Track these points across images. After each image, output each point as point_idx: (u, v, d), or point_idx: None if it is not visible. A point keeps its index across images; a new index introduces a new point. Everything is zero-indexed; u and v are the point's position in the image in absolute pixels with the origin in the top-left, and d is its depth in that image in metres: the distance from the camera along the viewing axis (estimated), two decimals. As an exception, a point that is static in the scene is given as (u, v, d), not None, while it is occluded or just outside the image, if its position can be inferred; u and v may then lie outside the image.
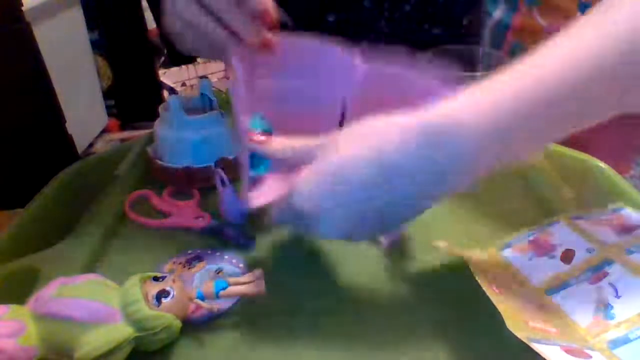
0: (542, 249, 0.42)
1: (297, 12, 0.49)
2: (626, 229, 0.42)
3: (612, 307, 0.36)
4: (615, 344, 0.34)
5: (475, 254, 0.42)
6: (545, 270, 0.40)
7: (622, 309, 0.36)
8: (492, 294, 0.36)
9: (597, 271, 0.39)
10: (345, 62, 0.44)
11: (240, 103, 0.40)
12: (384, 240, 0.46)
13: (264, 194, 0.45)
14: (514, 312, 0.34)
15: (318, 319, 0.39)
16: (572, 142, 0.63)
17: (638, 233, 0.42)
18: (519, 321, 0.33)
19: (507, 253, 0.42)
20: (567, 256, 0.40)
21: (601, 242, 0.41)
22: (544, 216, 0.47)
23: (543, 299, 0.37)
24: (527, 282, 0.39)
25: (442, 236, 0.48)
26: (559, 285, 0.38)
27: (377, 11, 0.64)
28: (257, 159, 0.46)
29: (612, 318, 0.35)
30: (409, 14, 0.64)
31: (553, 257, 0.41)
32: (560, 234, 0.43)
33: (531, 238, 0.43)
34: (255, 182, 0.46)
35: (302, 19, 0.50)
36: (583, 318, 0.36)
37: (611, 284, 0.38)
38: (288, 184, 0.42)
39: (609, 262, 0.39)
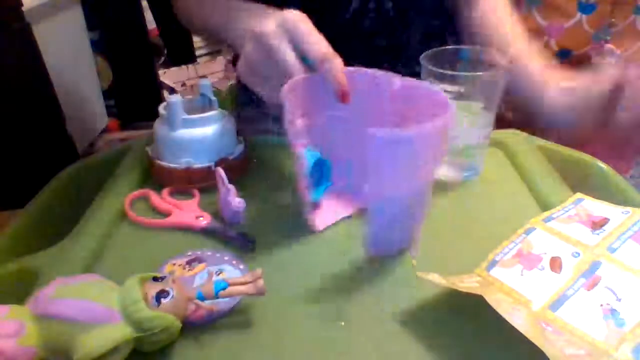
0: (528, 261, 0.42)
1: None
2: (597, 225, 0.43)
3: (617, 312, 0.36)
4: (637, 352, 0.34)
5: (466, 282, 0.40)
6: (540, 285, 0.39)
7: (628, 312, 0.36)
8: (533, 332, 0.33)
9: (589, 276, 0.39)
10: (382, 84, 0.47)
11: (294, 134, 0.45)
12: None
13: (326, 217, 0.51)
14: (550, 345, 0.33)
15: (318, 320, 0.39)
16: (572, 142, 0.63)
17: (610, 227, 0.43)
18: (560, 354, 0.32)
19: (496, 272, 0.42)
20: (555, 264, 0.41)
21: (582, 243, 0.42)
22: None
23: (546, 314, 0.37)
24: (529, 302, 0.39)
25: (443, 233, 0.48)
26: (558, 299, 0.38)
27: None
28: (316, 183, 0.52)
29: (622, 324, 0.35)
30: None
31: (542, 268, 0.41)
32: (540, 242, 0.43)
33: (514, 251, 0.43)
34: (315, 206, 0.51)
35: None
36: (596, 329, 0.36)
37: (608, 288, 0.38)
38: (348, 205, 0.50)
39: (597, 264, 0.39)
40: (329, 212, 0.51)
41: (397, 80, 0.46)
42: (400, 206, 0.42)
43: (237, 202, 0.49)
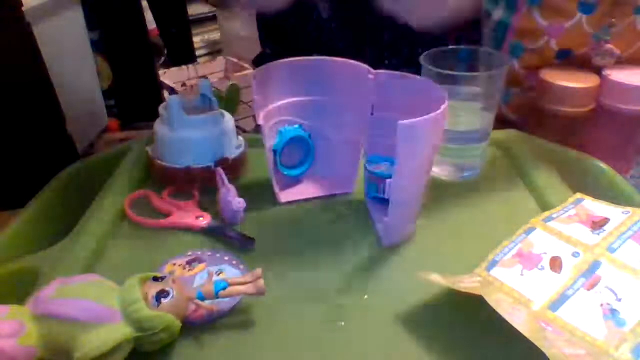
0: (529, 261, 0.41)
1: None
2: (597, 224, 0.44)
3: (617, 311, 0.36)
4: (637, 352, 0.34)
5: (465, 282, 0.40)
6: (540, 285, 0.39)
7: (628, 312, 0.36)
8: (532, 332, 0.34)
9: (589, 276, 0.39)
10: (361, 73, 0.50)
11: (263, 115, 0.49)
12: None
13: (293, 192, 0.54)
14: (550, 345, 0.33)
15: (318, 320, 0.40)
16: (572, 142, 0.63)
17: (610, 227, 0.43)
18: (560, 354, 0.32)
19: (496, 272, 0.42)
20: (555, 264, 0.41)
21: (582, 243, 0.42)
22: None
23: (546, 314, 0.37)
24: (529, 302, 0.39)
25: (443, 233, 0.48)
26: (558, 299, 0.38)
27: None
28: (300, 161, 0.55)
29: (623, 324, 0.35)
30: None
31: (542, 268, 0.41)
32: (541, 242, 0.43)
33: (514, 251, 0.43)
34: (291, 180, 0.55)
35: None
36: (596, 329, 0.36)
37: (608, 288, 0.38)
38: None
39: (596, 264, 0.39)
40: (299, 189, 0.55)
41: (370, 75, 0.49)
42: (414, 194, 0.45)
43: (237, 202, 0.49)
